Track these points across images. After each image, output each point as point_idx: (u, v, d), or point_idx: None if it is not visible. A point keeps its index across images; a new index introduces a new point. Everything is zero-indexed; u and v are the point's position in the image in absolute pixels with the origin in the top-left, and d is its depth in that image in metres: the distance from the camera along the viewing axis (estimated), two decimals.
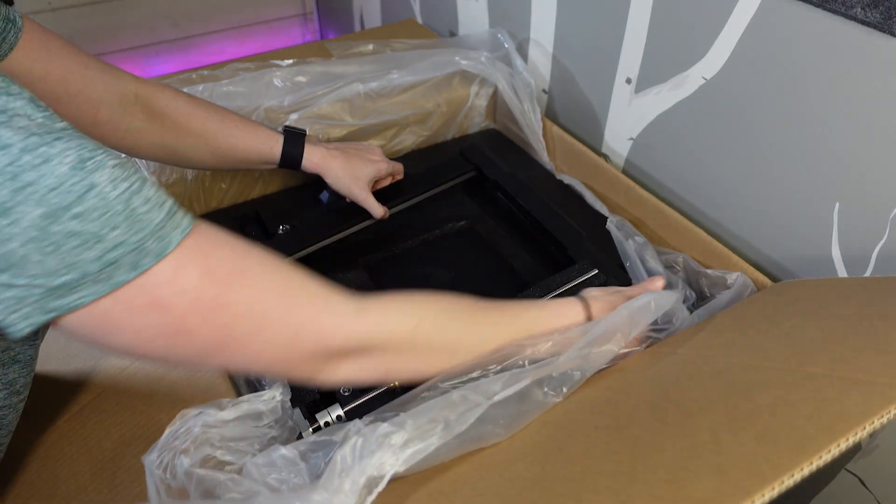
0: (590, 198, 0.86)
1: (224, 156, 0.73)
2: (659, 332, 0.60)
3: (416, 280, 0.78)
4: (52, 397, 0.65)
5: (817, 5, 0.59)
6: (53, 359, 0.67)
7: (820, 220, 0.66)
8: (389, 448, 0.43)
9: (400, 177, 0.86)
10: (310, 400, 0.60)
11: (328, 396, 0.60)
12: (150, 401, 0.63)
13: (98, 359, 0.68)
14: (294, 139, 0.77)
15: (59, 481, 0.58)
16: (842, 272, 0.65)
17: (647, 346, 0.59)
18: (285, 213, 0.84)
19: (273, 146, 0.75)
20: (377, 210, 0.80)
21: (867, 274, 0.63)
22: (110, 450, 0.60)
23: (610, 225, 0.80)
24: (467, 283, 0.78)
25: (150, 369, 0.66)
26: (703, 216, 0.80)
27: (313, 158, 0.77)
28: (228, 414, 0.51)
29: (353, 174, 0.78)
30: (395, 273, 0.79)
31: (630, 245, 0.75)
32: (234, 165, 0.77)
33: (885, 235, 0.60)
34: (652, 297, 0.57)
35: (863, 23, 0.56)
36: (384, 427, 0.44)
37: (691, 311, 0.64)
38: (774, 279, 0.73)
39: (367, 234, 0.83)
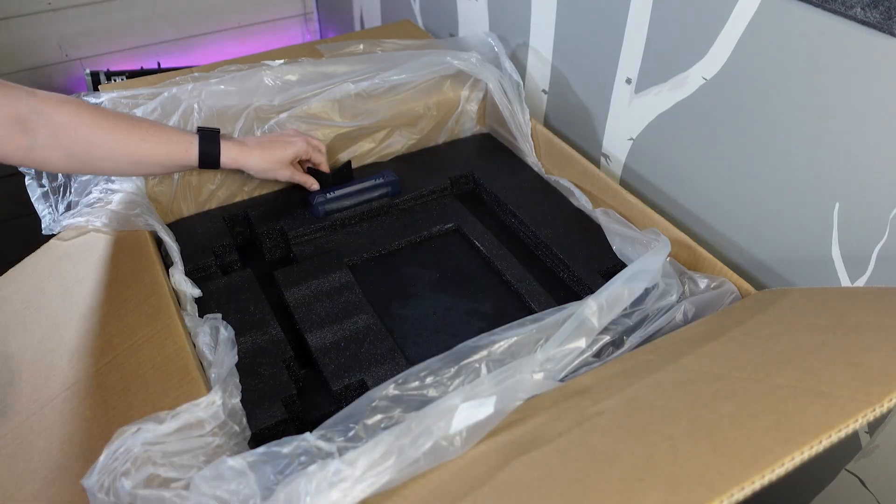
0: (579, 198, 0.86)
1: (139, 162, 0.73)
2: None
3: (400, 281, 0.79)
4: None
5: (817, 5, 0.59)
6: None
7: (820, 221, 0.66)
8: (339, 488, 0.42)
9: (322, 152, 0.87)
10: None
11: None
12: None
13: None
14: (209, 137, 0.77)
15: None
16: (842, 273, 0.65)
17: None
18: (274, 215, 0.84)
19: (188, 148, 0.75)
20: (310, 183, 0.86)
21: (867, 274, 0.63)
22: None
23: (595, 212, 0.82)
24: (452, 283, 0.78)
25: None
26: (701, 216, 0.80)
27: (231, 154, 0.78)
28: (168, 427, 0.50)
29: (274, 159, 0.81)
30: (380, 273, 0.79)
31: (615, 227, 0.78)
32: (154, 171, 0.76)
33: (886, 235, 0.60)
34: (625, 287, 0.56)
35: (863, 23, 0.56)
36: (335, 465, 0.42)
37: (678, 300, 0.64)
38: (762, 286, 0.74)
39: (352, 235, 0.83)
